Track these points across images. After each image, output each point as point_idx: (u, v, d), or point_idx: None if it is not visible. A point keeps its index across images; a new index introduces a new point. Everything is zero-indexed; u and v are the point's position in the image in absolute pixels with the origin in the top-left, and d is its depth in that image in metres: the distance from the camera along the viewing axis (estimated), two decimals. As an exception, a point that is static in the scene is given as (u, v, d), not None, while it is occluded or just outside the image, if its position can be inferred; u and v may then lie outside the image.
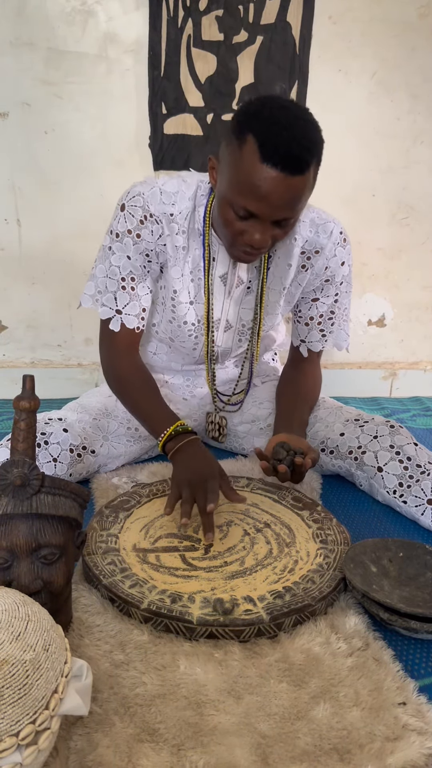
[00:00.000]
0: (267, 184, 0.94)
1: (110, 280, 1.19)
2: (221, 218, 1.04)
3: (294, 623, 0.84)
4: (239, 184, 0.97)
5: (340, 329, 1.33)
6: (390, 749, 0.66)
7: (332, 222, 1.20)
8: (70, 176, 1.73)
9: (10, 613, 0.62)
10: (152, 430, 1.16)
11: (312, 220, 1.19)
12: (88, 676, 0.66)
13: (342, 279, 1.26)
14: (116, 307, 1.19)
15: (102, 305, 1.20)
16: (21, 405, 0.78)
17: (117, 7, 1.61)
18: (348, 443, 1.27)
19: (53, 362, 1.92)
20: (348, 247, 1.24)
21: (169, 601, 0.85)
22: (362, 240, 1.89)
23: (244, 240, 1.02)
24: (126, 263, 1.17)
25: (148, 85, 1.67)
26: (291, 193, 0.96)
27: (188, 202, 1.15)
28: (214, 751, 0.65)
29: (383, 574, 0.94)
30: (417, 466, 1.18)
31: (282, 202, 0.97)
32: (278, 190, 0.95)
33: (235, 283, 1.23)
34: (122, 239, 1.15)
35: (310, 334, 1.33)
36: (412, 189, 1.88)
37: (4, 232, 1.76)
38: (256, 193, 0.96)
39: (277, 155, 0.92)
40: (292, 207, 0.98)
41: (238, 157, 0.96)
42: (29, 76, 1.63)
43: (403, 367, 2.08)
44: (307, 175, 0.96)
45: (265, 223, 1.00)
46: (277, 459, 1.11)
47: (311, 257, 1.22)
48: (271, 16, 1.66)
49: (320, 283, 1.26)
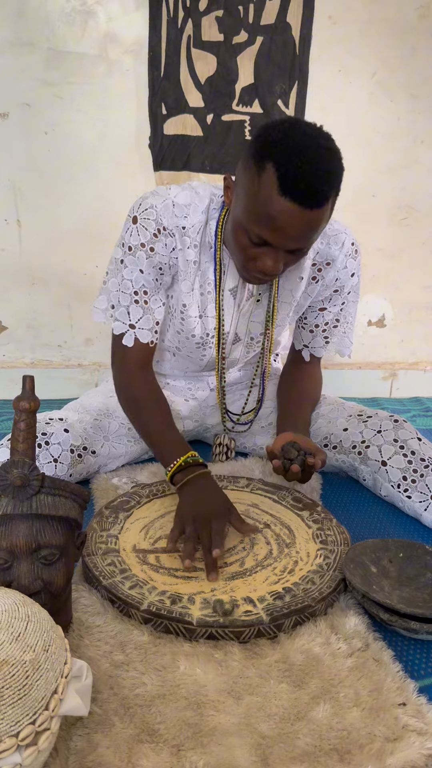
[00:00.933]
0: (284, 216, 0.93)
1: (123, 294, 1.16)
2: (234, 242, 1.03)
3: (294, 624, 0.84)
4: (256, 213, 0.95)
5: (345, 336, 1.33)
6: (390, 750, 0.66)
7: (344, 233, 1.19)
8: (70, 176, 1.73)
9: (10, 613, 0.62)
10: (161, 457, 1.13)
11: (324, 231, 1.17)
12: (88, 676, 0.65)
13: (350, 289, 1.26)
14: (129, 321, 1.16)
15: (115, 320, 1.18)
16: (21, 405, 0.78)
17: (117, 7, 1.61)
18: (352, 438, 1.27)
19: (53, 362, 1.92)
20: (359, 258, 1.23)
21: (168, 602, 0.85)
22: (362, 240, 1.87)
23: (257, 266, 1.02)
24: (139, 277, 1.14)
25: (148, 85, 1.67)
26: (308, 226, 0.95)
27: (201, 216, 1.13)
28: (214, 752, 0.65)
29: (383, 574, 0.94)
30: (421, 460, 1.18)
31: (298, 234, 0.96)
32: (295, 223, 0.93)
33: (245, 296, 1.22)
34: (135, 253, 1.13)
35: (314, 341, 1.33)
36: (412, 189, 1.88)
37: (4, 232, 1.76)
38: (272, 224, 0.94)
39: (297, 189, 0.90)
40: (307, 239, 0.98)
41: (256, 185, 0.93)
42: (29, 76, 1.63)
43: (403, 367, 2.08)
44: (325, 207, 0.94)
45: (278, 251, 0.99)
46: (288, 458, 1.10)
47: (322, 269, 1.21)
48: (271, 17, 1.66)
49: (329, 293, 1.26)
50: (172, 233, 1.12)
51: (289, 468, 1.09)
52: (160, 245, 1.12)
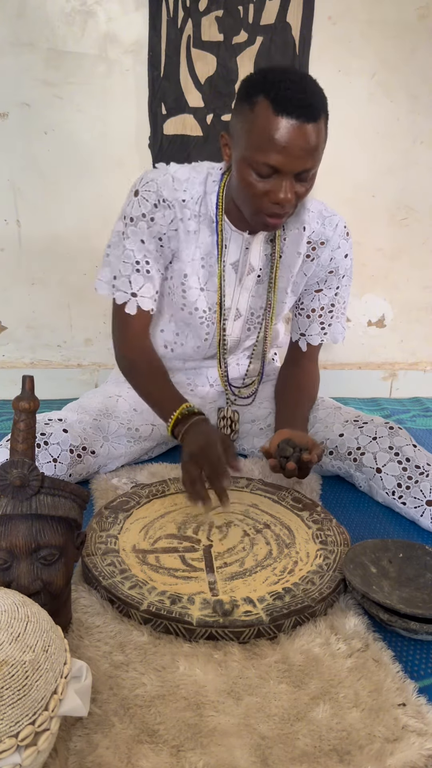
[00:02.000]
0: (285, 134, 0.97)
1: (124, 264, 1.20)
2: (242, 184, 1.06)
3: (294, 624, 0.84)
4: (258, 142, 0.99)
5: (338, 322, 1.35)
6: (390, 750, 0.66)
7: (337, 216, 1.25)
8: (70, 176, 1.72)
9: (10, 614, 0.62)
10: (161, 414, 1.17)
11: (320, 212, 1.23)
12: (88, 677, 0.65)
13: (345, 272, 1.29)
14: (131, 290, 1.20)
15: (117, 290, 1.22)
16: (20, 406, 0.78)
17: (117, 7, 1.61)
18: (347, 444, 1.27)
19: (53, 363, 1.92)
20: (350, 240, 1.28)
21: (168, 602, 0.85)
22: (362, 240, 1.89)
23: (270, 199, 1.04)
24: (140, 246, 1.18)
25: (147, 85, 1.67)
26: (309, 140, 0.99)
27: (199, 188, 1.17)
28: (214, 752, 0.65)
29: (383, 575, 0.94)
30: (416, 467, 1.18)
31: (302, 152, 0.99)
32: (297, 139, 0.98)
33: (246, 270, 1.24)
34: (136, 223, 1.17)
35: (310, 327, 1.34)
36: (412, 189, 1.88)
37: (4, 233, 1.76)
38: (275, 145, 0.98)
39: (291, 105, 0.96)
40: (311, 156, 1.01)
41: (252, 119, 0.99)
42: (29, 76, 1.63)
43: (403, 367, 2.08)
44: (320, 122, 1.00)
45: (287, 177, 1.02)
46: (283, 456, 1.11)
47: (317, 248, 1.25)
48: (270, 17, 1.65)
49: (325, 274, 1.28)
50: (172, 205, 1.16)
51: (285, 466, 1.10)
52: (160, 215, 1.16)
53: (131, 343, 1.24)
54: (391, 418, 1.79)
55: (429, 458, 1.19)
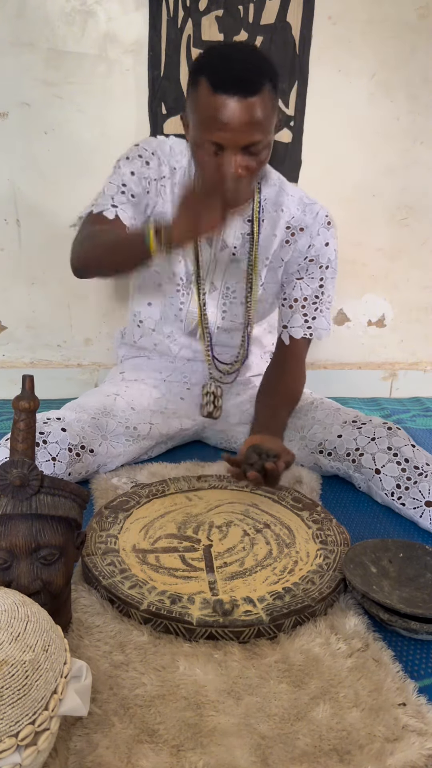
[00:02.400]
0: (223, 111, 1.01)
1: (110, 185, 1.22)
2: (198, 163, 1.11)
3: (294, 624, 0.84)
4: (201, 122, 1.05)
5: (322, 316, 1.34)
6: (390, 750, 0.66)
7: (319, 205, 1.28)
8: (70, 176, 1.72)
9: (10, 613, 0.62)
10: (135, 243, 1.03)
11: (300, 198, 1.28)
12: (88, 676, 0.65)
13: (327, 263, 1.30)
14: (112, 202, 1.20)
15: (95, 205, 1.21)
16: (20, 405, 0.78)
17: (117, 7, 1.61)
18: (346, 445, 1.27)
19: (53, 362, 1.92)
20: (332, 230, 1.29)
21: (168, 602, 0.85)
22: (362, 240, 1.89)
23: None
24: (129, 178, 1.21)
25: (147, 85, 1.67)
26: (248, 114, 1.01)
27: (185, 160, 1.24)
28: (214, 752, 0.65)
29: (383, 574, 0.94)
30: (415, 467, 1.17)
31: (243, 126, 1.02)
32: (235, 114, 1.01)
33: (219, 246, 1.27)
34: (132, 160, 1.22)
35: (293, 318, 1.33)
36: (412, 189, 1.88)
37: (4, 232, 1.76)
38: (216, 123, 1.02)
39: (226, 82, 1.00)
40: (253, 129, 1.03)
41: (196, 99, 1.05)
42: (29, 76, 1.63)
43: (403, 367, 2.07)
44: (262, 96, 1.02)
45: (235, 152, 1.05)
46: (249, 463, 1.04)
47: (295, 233, 1.28)
48: (270, 17, 1.65)
49: (304, 262, 1.30)
50: (165, 164, 1.23)
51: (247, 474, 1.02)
52: (155, 164, 1.22)
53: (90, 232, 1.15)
54: (391, 418, 1.79)
55: (428, 458, 1.19)
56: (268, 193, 1.28)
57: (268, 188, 1.28)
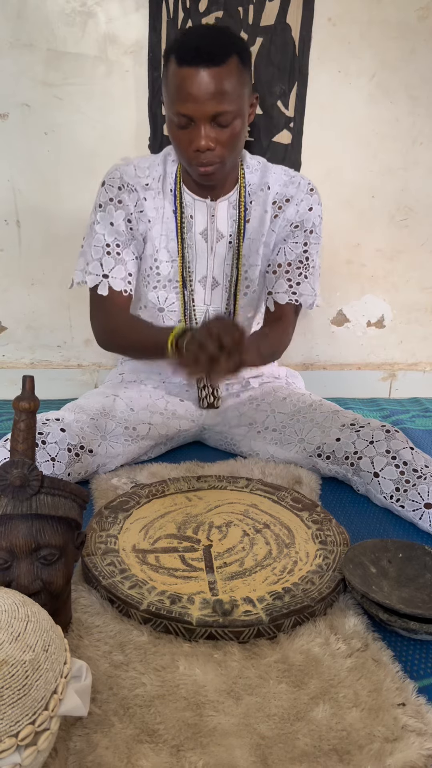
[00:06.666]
0: (188, 82, 1.06)
1: (95, 248, 1.27)
2: (171, 138, 1.15)
3: (293, 624, 0.85)
4: (170, 96, 1.10)
5: (307, 282, 1.34)
6: (389, 750, 0.66)
7: (300, 176, 1.33)
8: (70, 177, 1.72)
9: (10, 613, 0.62)
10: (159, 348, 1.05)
11: (285, 172, 1.32)
12: (88, 676, 0.65)
13: (312, 227, 1.33)
14: (102, 272, 1.25)
15: (89, 274, 1.26)
16: (21, 406, 0.78)
17: (117, 8, 1.62)
18: (344, 448, 1.26)
19: (53, 363, 1.92)
20: (316, 197, 1.32)
21: (168, 602, 0.85)
22: (361, 241, 1.89)
23: (192, 149, 1.11)
24: (110, 230, 1.26)
25: (147, 86, 1.67)
26: (213, 84, 1.06)
27: (158, 168, 1.28)
28: (214, 752, 0.65)
29: (382, 575, 0.94)
30: (413, 470, 1.17)
31: (207, 96, 1.06)
32: (200, 85, 1.05)
33: (215, 237, 1.29)
34: (105, 208, 1.26)
35: (277, 284, 1.34)
36: (411, 190, 1.88)
37: (4, 233, 1.76)
38: (182, 94, 1.07)
39: (191, 54, 1.05)
40: (221, 99, 1.07)
41: (166, 76, 1.11)
42: (29, 77, 1.63)
43: (402, 368, 2.08)
44: (227, 66, 1.06)
45: (203, 122, 1.09)
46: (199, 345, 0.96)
47: (282, 206, 1.31)
48: (270, 18, 1.66)
49: (290, 228, 1.32)
50: (135, 189, 1.26)
51: None
52: (126, 197, 1.26)
53: (109, 316, 1.27)
54: (390, 419, 1.79)
55: (427, 460, 1.19)
56: (251, 177, 1.32)
57: (250, 173, 1.32)
